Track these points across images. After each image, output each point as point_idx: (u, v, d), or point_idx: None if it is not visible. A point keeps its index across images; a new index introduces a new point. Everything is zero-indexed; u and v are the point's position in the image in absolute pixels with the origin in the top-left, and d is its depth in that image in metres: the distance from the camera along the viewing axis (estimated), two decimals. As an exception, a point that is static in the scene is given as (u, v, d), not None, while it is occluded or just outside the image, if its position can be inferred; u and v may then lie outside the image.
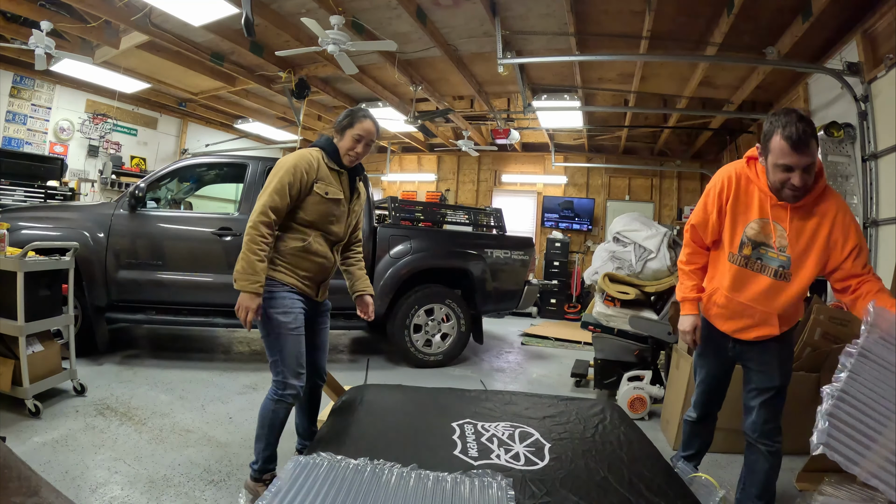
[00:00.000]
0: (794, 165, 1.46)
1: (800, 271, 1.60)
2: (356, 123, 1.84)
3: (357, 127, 1.84)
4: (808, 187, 1.51)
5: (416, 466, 1.45)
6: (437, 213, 5.27)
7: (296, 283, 1.81)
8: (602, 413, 2.05)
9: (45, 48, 4.76)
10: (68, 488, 1.83)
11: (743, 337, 1.74)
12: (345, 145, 1.86)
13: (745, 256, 1.65)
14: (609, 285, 3.66)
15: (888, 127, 3.49)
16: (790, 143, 1.44)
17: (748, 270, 1.66)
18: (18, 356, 2.44)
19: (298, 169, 1.76)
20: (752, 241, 1.63)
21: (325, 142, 1.90)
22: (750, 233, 1.63)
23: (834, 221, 1.55)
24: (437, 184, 9.69)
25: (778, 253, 1.60)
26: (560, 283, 8.00)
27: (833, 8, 3.44)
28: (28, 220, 3.41)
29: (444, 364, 4.11)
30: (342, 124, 1.87)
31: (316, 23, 3.94)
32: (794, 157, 1.45)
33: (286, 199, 1.74)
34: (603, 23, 4.37)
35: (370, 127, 1.86)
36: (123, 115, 7.75)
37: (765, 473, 1.74)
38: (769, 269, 1.63)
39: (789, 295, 1.63)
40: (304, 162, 1.78)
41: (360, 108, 1.92)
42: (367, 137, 1.86)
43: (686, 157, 8.31)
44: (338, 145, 1.88)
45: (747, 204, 1.64)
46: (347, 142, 1.85)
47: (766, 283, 1.64)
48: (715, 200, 1.70)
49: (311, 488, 1.31)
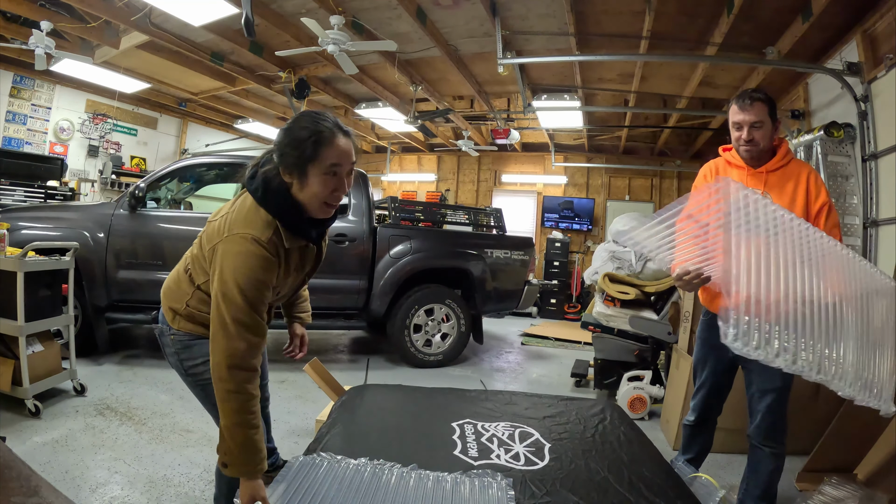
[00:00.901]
0: (742, 122, 1.69)
1: None
2: (325, 148, 1.14)
3: (330, 152, 1.15)
4: (756, 142, 1.69)
5: (416, 466, 1.45)
6: (437, 213, 5.28)
7: None
8: (602, 413, 2.05)
9: (45, 48, 4.76)
10: (68, 488, 1.83)
11: None
12: (315, 191, 1.16)
13: None
14: (609, 285, 3.66)
15: (888, 127, 3.49)
16: (737, 104, 1.71)
17: None
18: (18, 356, 2.44)
19: (262, 287, 1.16)
20: None
21: (276, 205, 1.18)
22: None
23: (808, 179, 1.69)
24: (437, 184, 9.69)
25: None
26: (560, 283, 7.99)
27: (833, 8, 3.44)
28: (28, 220, 3.41)
29: (444, 364, 4.11)
30: (302, 156, 1.14)
31: (316, 23, 3.94)
32: (740, 114, 1.69)
33: (260, 324, 1.18)
34: (603, 23, 4.37)
35: (348, 146, 1.18)
36: (123, 115, 7.75)
37: (768, 474, 1.74)
38: None
39: None
40: (265, 275, 1.16)
41: (322, 117, 1.17)
42: (348, 162, 1.18)
43: (686, 157, 8.30)
44: (299, 196, 1.18)
45: None
46: (318, 184, 1.16)
47: None
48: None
49: (311, 488, 1.31)
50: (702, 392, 1.93)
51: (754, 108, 1.67)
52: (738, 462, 2.49)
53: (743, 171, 1.76)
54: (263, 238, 1.16)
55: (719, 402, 1.94)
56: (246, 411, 1.14)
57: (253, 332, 1.15)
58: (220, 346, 1.13)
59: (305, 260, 1.34)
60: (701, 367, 1.93)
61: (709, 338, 1.87)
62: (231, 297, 1.13)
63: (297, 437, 2.52)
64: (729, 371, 1.88)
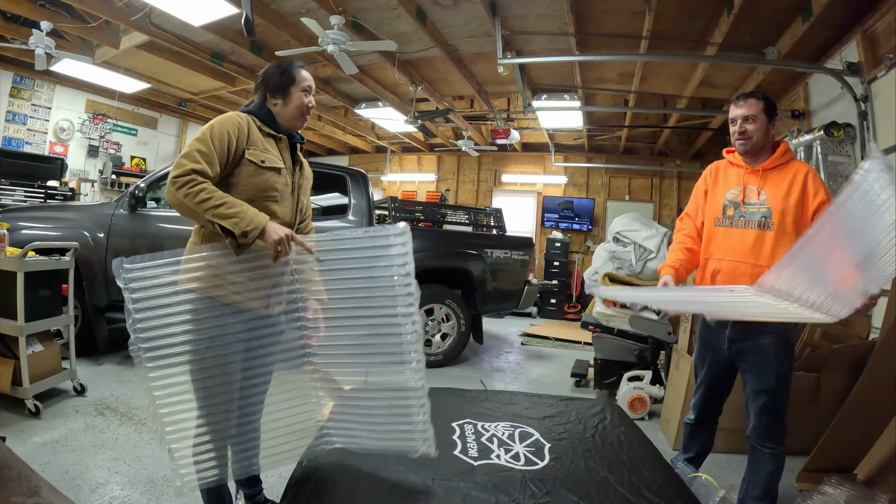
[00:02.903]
0: (736, 117, 1.79)
1: (783, 219, 1.70)
2: (298, 75, 1.50)
3: (301, 80, 1.50)
4: (749, 135, 1.76)
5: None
6: (437, 213, 5.28)
7: (236, 297, 1.36)
8: (602, 413, 2.06)
9: (45, 48, 4.76)
10: (68, 488, 1.83)
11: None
12: (296, 104, 1.49)
13: (730, 217, 1.81)
14: (609, 285, 3.66)
15: (888, 127, 3.49)
16: (734, 103, 1.82)
17: (734, 229, 1.79)
18: (18, 356, 2.44)
19: (223, 127, 1.36)
20: (732, 203, 1.81)
21: (255, 106, 1.51)
22: (730, 196, 1.83)
23: (806, 177, 1.72)
24: (437, 184, 9.69)
25: (758, 206, 1.75)
26: (560, 283, 7.99)
27: (833, 8, 3.44)
28: (28, 220, 3.41)
29: (444, 364, 4.11)
30: (281, 82, 1.48)
31: (316, 23, 3.94)
32: (734, 110, 1.80)
33: (213, 155, 1.32)
34: (603, 23, 4.37)
35: (310, 76, 1.54)
36: (123, 115, 7.76)
37: (768, 475, 1.74)
38: (752, 222, 1.75)
39: (778, 247, 1.68)
40: (229, 122, 1.38)
41: (288, 61, 1.55)
42: (313, 86, 1.55)
43: (686, 157, 8.30)
44: (280, 111, 1.49)
45: (727, 179, 1.88)
46: (298, 98, 1.49)
47: (752, 235, 1.74)
48: (702, 185, 1.94)
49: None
50: (700, 390, 1.94)
51: (747, 104, 1.78)
52: (739, 462, 2.49)
53: (742, 170, 1.81)
54: (231, 114, 1.43)
55: (717, 401, 1.95)
56: (212, 192, 1.27)
57: (204, 158, 1.30)
58: (175, 165, 1.29)
59: (282, 153, 1.51)
60: (700, 365, 1.94)
61: (707, 336, 1.88)
62: (198, 134, 1.35)
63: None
64: (728, 371, 1.88)
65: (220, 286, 1.34)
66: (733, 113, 1.80)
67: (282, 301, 1.45)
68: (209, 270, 1.33)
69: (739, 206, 1.78)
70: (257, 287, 1.38)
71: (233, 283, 1.35)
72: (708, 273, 1.83)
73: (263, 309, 1.40)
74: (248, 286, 1.37)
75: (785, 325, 1.71)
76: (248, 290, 1.37)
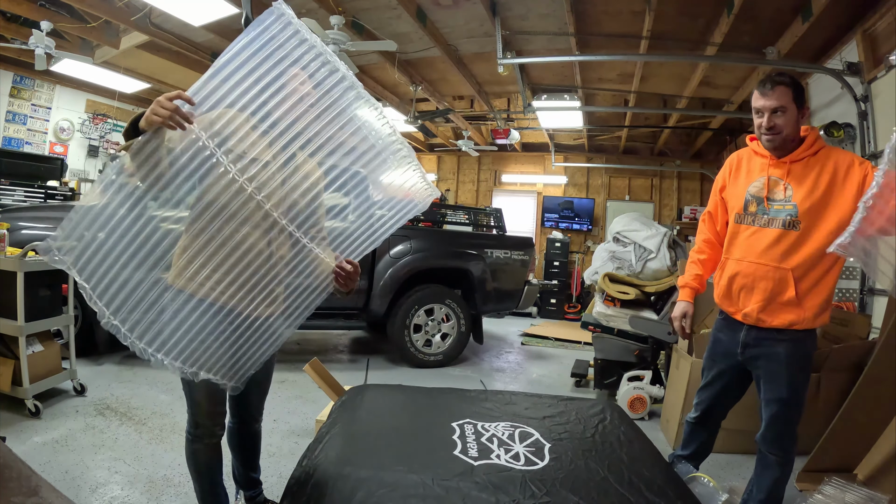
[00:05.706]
0: (762, 108, 1.59)
1: (809, 220, 1.58)
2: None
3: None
4: (779, 130, 1.58)
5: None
6: (437, 213, 5.27)
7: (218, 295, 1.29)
8: (602, 413, 2.05)
9: (45, 48, 4.76)
10: (68, 488, 1.83)
11: (760, 322, 1.66)
12: None
13: (752, 214, 1.68)
14: (609, 285, 3.66)
15: (888, 127, 3.49)
16: (758, 89, 1.60)
17: (757, 227, 1.67)
18: (18, 356, 2.44)
19: None
20: (755, 198, 1.68)
21: None
22: (753, 190, 1.69)
23: (835, 165, 1.56)
24: (437, 184, 9.68)
25: (783, 204, 1.62)
26: (560, 283, 7.99)
27: (833, 8, 3.44)
28: (28, 220, 3.41)
29: (444, 364, 4.11)
30: None
31: (316, 23, 3.94)
32: (760, 100, 1.59)
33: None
34: (603, 23, 4.37)
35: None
36: (123, 116, 7.74)
37: (773, 480, 1.73)
38: (777, 220, 1.62)
39: (803, 248, 1.58)
40: None
41: None
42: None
43: (686, 157, 8.30)
44: None
45: (749, 170, 1.73)
46: None
47: (775, 235, 1.62)
48: (720, 179, 1.82)
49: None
50: (705, 392, 1.91)
51: (775, 93, 1.56)
52: (739, 462, 2.50)
53: (766, 161, 1.67)
54: None
55: (722, 405, 1.91)
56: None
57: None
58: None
59: None
60: (709, 366, 1.90)
61: (720, 339, 1.83)
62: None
63: (298, 437, 2.52)
64: (740, 377, 1.82)
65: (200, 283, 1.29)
66: (759, 103, 1.59)
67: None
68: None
69: (763, 203, 1.65)
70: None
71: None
72: (727, 274, 1.75)
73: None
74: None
75: (801, 332, 1.64)
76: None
